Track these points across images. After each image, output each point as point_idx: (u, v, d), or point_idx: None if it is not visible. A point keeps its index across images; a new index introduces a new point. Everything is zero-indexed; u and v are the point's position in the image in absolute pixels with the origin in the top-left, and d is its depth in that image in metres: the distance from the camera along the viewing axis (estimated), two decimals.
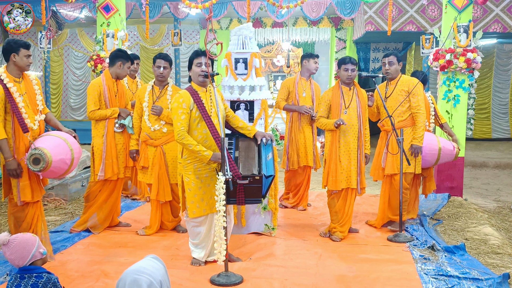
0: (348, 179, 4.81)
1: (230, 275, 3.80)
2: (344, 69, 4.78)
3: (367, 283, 3.82)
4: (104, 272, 3.99)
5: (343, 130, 4.76)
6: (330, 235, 4.90)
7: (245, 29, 5.07)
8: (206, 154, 3.89)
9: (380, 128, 5.22)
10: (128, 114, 4.99)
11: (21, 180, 4.00)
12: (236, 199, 3.95)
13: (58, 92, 13.17)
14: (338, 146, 4.78)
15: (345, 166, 4.78)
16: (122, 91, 5.08)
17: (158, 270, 2.26)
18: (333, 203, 4.90)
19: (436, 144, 5.24)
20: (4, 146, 3.90)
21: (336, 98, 4.79)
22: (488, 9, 9.28)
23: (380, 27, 9.64)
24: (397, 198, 4.97)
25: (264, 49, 14.16)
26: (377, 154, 5.23)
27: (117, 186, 5.11)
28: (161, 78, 4.90)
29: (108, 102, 4.93)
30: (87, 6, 9.50)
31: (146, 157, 4.93)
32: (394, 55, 5.08)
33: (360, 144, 4.83)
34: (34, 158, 3.87)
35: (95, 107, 4.89)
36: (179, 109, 3.95)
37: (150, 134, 4.90)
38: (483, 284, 3.70)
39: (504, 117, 12.71)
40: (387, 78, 5.13)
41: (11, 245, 2.70)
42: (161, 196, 4.90)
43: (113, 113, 4.91)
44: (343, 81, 4.84)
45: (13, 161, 3.93)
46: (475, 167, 9.58)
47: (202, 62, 4.05)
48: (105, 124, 4.92)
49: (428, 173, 5.53)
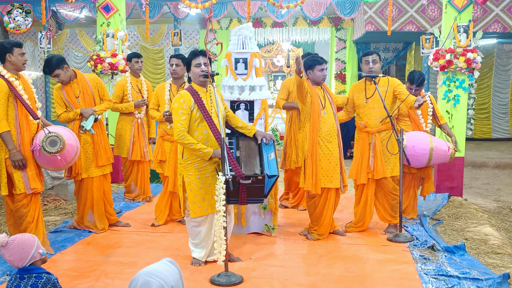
0: (330, 179, 4.70)
1: (230, 275, 3.79)
2: (319, 69, 4.72)
3: (367, 283, 3.82)
4: (104, 272, 3.99)
5: (323, 131, 4.66)
6: (307, 234, 4.88)
7: (245, 29, 5.07)
8: (207, 151, 3.90)
9: (361, 129, 5.01)
10: (90, 114, 4.92)
11: (29, 170, 4.17)
12: (239, 199, 3.95)
13: None
14: (317, 147, 4.65)
15: (325, 166, 4.66)
16: (86, 89, 4.99)
17: (171, 275, 2.22)
18: (313, 206, 4.78)
19: (428, 144, 5.13)
20: (7, 138, 4.05)
21: (315, 97, 4.69)
22: (488, 9, 9.28)
23: (380, 27, 9.64)
24: (389, 200, 4.97)
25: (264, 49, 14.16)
26: (359, 156, 4.99)
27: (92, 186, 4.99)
28: (174, 74, 5.22)
29: (71, 105, 4.92)
30: (87, 6, 9.49)
31: (163, 151, 5.26)
32: (376, 53, 4.94)
33: (340, 143, 4.76)
34: (51, 140, 4.13)
35: (60, 111, 4.97)
36: (180, 110, 3.95)
37: (167, 130, 5.22)
38: (483, 284, 3.70)
39: (504, 117, 12.71)
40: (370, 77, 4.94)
41: (10, 247, 2.69)
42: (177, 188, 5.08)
43: (75, 115, 4.91)
44: (315, 81, 4.77)
45: (17, 153, 4.08)
46: (475, 167, 9.58)
47: (201, 62, 4.05)
48: (71, 127, 4.93)
49: (426, 174, 5.48)
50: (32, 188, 4.19)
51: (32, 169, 4.22)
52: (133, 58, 6.24)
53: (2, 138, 4.07)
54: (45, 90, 12.69)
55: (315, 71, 4.73)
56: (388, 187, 4.98)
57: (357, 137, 5.09)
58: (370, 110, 4.93)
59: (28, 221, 4.23)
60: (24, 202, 4.20)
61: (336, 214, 5.85)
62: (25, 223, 4.22)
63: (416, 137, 5.17)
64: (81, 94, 4.96)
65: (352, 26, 11.81)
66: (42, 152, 4.15)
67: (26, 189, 4.17)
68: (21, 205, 4.20)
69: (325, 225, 4.81)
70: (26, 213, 4.22)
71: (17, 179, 4.15)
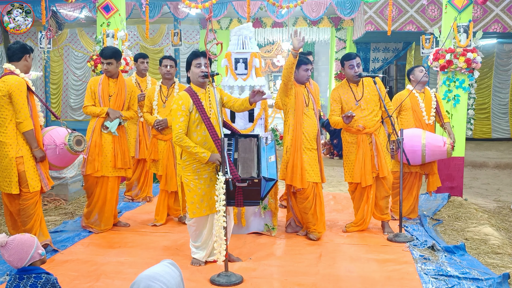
0: (316, 173, 4.73)
1: (230, 275, 3.79)
2: (304, 69, 4.76)
3: (367, 283, 3.82)
4: (104, 272, 3.99)
5: (306, 125, 4.71)
6: (307, 233, 4.87)
7: (245, 29, 5.07)
8: (204, 155, 3.89)
9: (358, 131, 4.89)
10: (117, 116, 4.96)
11: (43, 168, 4.30)
12: (235, 201, 3.96)
13: (58, 92, 13.17)
14: (301, 142, 4.68)
15: (307, 160, 4.68)
16: (121, 92, 5.04)
17: (173, 278, 2.19)
18: (308, 206, 4.75)
19: (420, 140, 5.11)
20: (32, 136, 4.19)
21: (300, 94, 4.74)
22: (488, 9, 9.29)
23: (380, 27, 9.64)
24: (382, 197, 4.98)
25: (264, 49, 14.17)
26: (361, 159, 4.87)
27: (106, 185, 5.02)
28: (168, 76, 5.28)
29: (101, 101, 4.98)
30: (87, 6, 9.50)
31: (156, 151, 5.29)
32: (359, 56, 4.96)
33: (319, 140, 4.82)
34: (77, 139, 4.40)
35: (87, 103, 5.02)
36: (178, 111, 3.95)
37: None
38: (483, 284, 3.70)
39: (504, 117, 12.71)
40: (354, 81, 4.93)
41: (9, 247, 2.68)
42: (169, 186, 5.21)
43: (101, 112, 4.95)
44: (300, 80, 4.80)
45: (40, 150, 4.25)
46: (475, 167, 9.58)
47: (201, 63, 4.05)
48: (95, 122, 4.98)
49: (430, 170, 5.48)
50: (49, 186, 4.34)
51: (47, 167, 4.36)
52: (139, 58, 6.37)
53: (28, 136, 4.16)
54: (45, 90, 12.69)
55: (300, 70, 4.75)
56: (389, 183, 4.99)
57: (354, 141, 4.96)
58: (364, 112, 4.90)
59: (35, 220, 4.26)
60: (34, 200, 4.24)
61: (336, 214, 5.87)
62: (32, 222, 4.25)
63: (408, 134, 5.15)
64: (115, 95, 5.01)
65: (352, 26, 11.81)
66: (67, 150, 4.34)
67: (44, 186, 4.27)
68: (31, 203, 4.22)
69: (322, 221, 4.83)
70: (34, 212, 4.25)
71: (31, 177, 4.19)
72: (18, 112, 4.10)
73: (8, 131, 4.14)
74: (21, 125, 4.12)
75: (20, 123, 4.11)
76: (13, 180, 4.17)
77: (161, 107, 5.24)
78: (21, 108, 4.09)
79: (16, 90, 4.07)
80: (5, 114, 4.13)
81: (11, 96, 4.08)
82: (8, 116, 4.13)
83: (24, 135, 4.15)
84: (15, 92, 4.07)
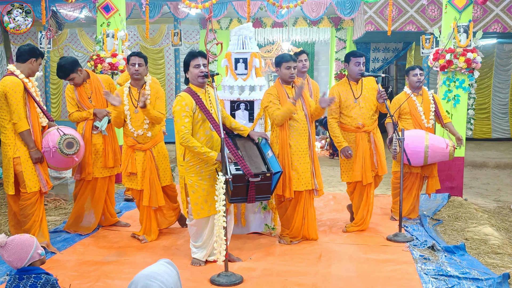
0: (301, 181, 4.52)
1: (230, 275, 3.79)
2: (286, 67, 4.52)
3: (367, 283, 3.82)
4: (104, 272, 3.99)
5: (293, 130, 4.51)
6: (279, 238, 4.76)
7: (245, 29, 5.07)
8: (211, 155, 3.90)
9: (357, 130, 4.91)
10: (104, 115, 4.93)
11: (42, 169, 4.27)
12: (247, 197, 3.96)
13: (58, 92, 13.16)
14: (288, 149, 4.48)
15: (295, 166, 4.50)
16: (98, 91, 4.97)
17: (171, 277, 2.20)
18: (283, 209, 4.66)
19: (423, 141, 5.11)
20: (28, 136, 4.17)
21: (283, 96, 4.55)
22: (488, 9, 9.28)
23: (380, 27, 9.64)
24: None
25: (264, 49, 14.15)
26: (361, 157, 4.87)
27: (98, 186, 5.01)
28: (137, 75, 4.65)
29: (83, 105, 4.93)
30: (87, 6, 9.49)
31: (134, 163, 4.66)
32: (364, 56, 4.95)
33: (311, 143, 4.59)
34: (68, 142, 4.26)
35: (71, 110, 4.98)
36: (182, 112, 3.94)
37: (137, 139, 4.67)
38: (483, 284, 3.70)
39: (504, 117, 12.71)
40: (356, 78, 4.93)
41: (9, 247, 2.69)
42: (154, 202, 4.66)
43: (88, 114, 4.92)
44: (285, 80, 4.61)
45: (38, 151, 4.23)
46: (475, 167, 9.58)
47: (200, 63, 4.04)
48: (83, 126, 4.95)
49: (429, 173, 5.47)
50: (48, 186, 4.32)
51: (45, 168, 4.34)
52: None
53: (23, 136, 4.16)
54: (45, 90, 12.69)
55: (282, 68, 4.54)
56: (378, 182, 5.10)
57: (353, 140, 4.94)
58: (363, 110, 4.91)
59: (34, 220, 4.26)
60: (32, 200, 4.24)
61: (336, 214, 5.87)
62: (30, 222, 4.25)
63: (411, 134, 5.16)
64: (93, 95, 4.97)
65: (352, 26, 11.81)
66: (58, 154, 4.26)
67: (43, 187, 4.27)
68: (29, 203, 4.22)
69: (297, 227, 4.67)
70: (33, 213, 4.25)
71: (29, 178, 4.19)
72: (12, 113, 4.11)
73: (7, 131, 4.17)
74: (16, 125, 4.13)
75: (14, 123, 4.13)
76: (9, 181, 4.19)
77: (134, 112, 4.64)
78: (15, 108, 4.10)
79: (10, 91, 4.08)
80: (4, 114, 4.15)
81: (6, 96, 4.09)
82: (7, 117, 4.15)
83: (19, 135, 4.15)
84: (9, 93, 4.08)
